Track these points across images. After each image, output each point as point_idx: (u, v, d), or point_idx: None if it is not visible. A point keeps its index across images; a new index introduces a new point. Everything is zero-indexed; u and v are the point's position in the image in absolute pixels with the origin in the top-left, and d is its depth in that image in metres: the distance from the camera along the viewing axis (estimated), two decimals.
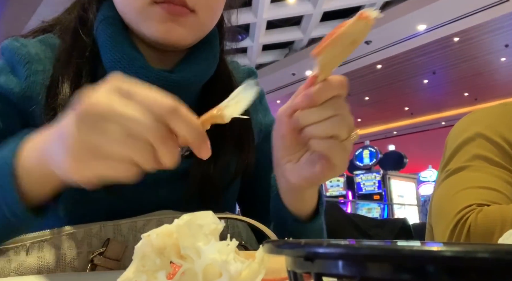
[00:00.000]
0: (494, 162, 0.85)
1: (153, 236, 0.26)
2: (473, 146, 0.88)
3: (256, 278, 0.25)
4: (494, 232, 0.72)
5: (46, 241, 0.50)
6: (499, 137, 0.87)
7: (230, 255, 0.25)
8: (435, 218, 0.88)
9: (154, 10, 0.55)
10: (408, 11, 6.23)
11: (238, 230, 0.62)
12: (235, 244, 0.26)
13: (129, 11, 0.57)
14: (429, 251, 0.14)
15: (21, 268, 0.48)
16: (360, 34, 0.38)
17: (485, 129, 0.89)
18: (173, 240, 0.26)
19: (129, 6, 0.57)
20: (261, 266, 0.25)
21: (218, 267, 0.24)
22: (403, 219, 1.81)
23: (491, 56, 7.79)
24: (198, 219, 0.27)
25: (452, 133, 0.98)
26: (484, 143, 0.87)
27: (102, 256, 0.48)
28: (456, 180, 0.86)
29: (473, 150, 0.87)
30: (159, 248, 0.26)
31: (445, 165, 0.92)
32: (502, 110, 0.92)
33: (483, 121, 0.92)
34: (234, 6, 0.74)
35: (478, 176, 0.84)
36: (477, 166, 0.85)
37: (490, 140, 0.87)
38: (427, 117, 11.52)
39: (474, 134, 0.89)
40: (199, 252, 0.25)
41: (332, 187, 8.48)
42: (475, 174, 0.84)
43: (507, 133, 0.87)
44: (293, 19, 7.06)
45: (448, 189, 0.86)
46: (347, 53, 0.40)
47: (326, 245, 0.17)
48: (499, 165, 0.84)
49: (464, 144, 0.90)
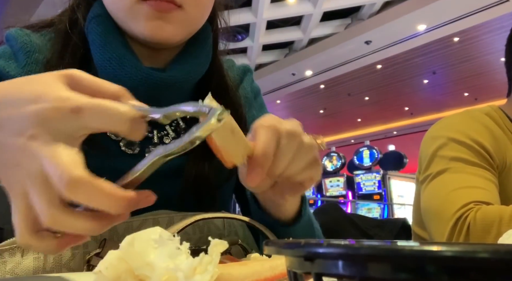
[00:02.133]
0: (470, 162, 0.91)
1: (103, 269, 0.25)
2: (447, 150, 0.94)
3: (210, 268, 0.24)
4: (492, 230, 0.76)
5: None
6: (469, 139, 0.93)
7: (182, 256, 0.25)
8: (429, 219, 0.91)
9: (142, 8, 0.55)
10: (408, 11, 6.23)
11: (234, 229, 0.62)
12: (187, 246, 0.25)
13: (117, 9, 0.57)
14: (429, 251, 0.14)
15: (16, 270, 0.47)
16: (228, 125, 0.36)
17: (455, 134, 0.95)
18: (124, 265, 0.25)
19: (117, 5, 0.57)
20: (214, 257, 0.25)
21: (174, 272, 0.24)
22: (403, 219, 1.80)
23: (491, 56, 7.79)
24: (144, 236, 0.26)
25: (424, 142, 1.04)
26: (457, 146, 0.94)
27: (98, 257, 0.47)
28: (441, 181, 0.91)
29: (449, 154, 0.93)
30: (114, 279, 0.25)
31: (424, 171, 0.98)
32: (467, 116, 1.00)
33: (452, 127, 0.99)
34: (228, 6, 0.74)
35: (461, 176, 0.89)
36: (456, 167, 0.91)
37: (462, 143, 0.93)
38: (427, 117, 11.51)
39: (446, 140, 0.96)
40: (152, 266, 0.24)
41: (332, 187, 8.48)
42: (458, 175, 0.90)
43: (475, 135, 0.94)
44: (293, 19, 7.06)
45: (437, 191, 0.91)
46: (238, 140, 0.38)
47: (326, 245, 0.17)
48: (476, 164, 0.90)
49: (438, 149, 0.96)
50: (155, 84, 0.58)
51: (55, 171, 0.29)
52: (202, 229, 0.58)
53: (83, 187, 0.29)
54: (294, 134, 0.42)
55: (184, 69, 0.61)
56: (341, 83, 8.99)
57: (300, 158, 0.43)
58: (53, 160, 0.30)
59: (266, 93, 8.92)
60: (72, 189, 0.29)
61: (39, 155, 0.30)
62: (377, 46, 7.18)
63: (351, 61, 7.75)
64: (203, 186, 0.62)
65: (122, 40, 0.59)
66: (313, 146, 0.44)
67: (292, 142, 0.42)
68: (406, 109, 11.21)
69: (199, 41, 0.65)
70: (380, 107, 10.81)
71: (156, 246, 0.25)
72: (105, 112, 0.31)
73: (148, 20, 0.55)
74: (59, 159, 0.30)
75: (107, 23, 0.59)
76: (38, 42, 0.62)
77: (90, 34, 0.59)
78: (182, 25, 0.58)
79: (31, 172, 0.31)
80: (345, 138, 13.58)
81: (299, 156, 0.43)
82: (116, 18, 0.59)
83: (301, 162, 0.44)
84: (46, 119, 0.31)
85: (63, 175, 0.29)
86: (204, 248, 0.47)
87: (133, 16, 0.56)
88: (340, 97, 10.01)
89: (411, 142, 11.97)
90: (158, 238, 0.25)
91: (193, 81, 0.64)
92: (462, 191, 0.85)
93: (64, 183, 0.29)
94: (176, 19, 0.57)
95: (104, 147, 0.57)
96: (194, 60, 0.63)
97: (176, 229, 0.48)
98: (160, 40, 0.57)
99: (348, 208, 7.95)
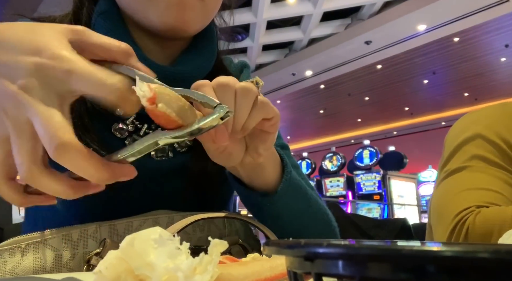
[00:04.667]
0: (493, 162, 0.85)
1: (103, 269, 0.25)
2: (472, 146, 0.89)
3: (210, 268, 0.24)
4: (493, 234, 0.72)
5: (41, 242, 0.49)
6: (498, 138, 0.87)
7: (182, 256, 0.25)
8: (435, 219, 0.88)
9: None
10: (408, 11, 6.23)
11: (235, 228, 0.62)
12: (187, 246, 0.25)
13: (135, 1, 0.57)
14: (429, 251, 0.14)
15: (16, 270, 0.47)
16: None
17: (484, 130, 0.89)
18: (124, 265, 0.25)
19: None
20: (214, 257, 0.25)
21: (174, 272, 0.24)
22: (403, 219, 1.81)
23: (491, 56, 7.79)
24: (144, 236, 0.26)
25: (450, 133, 0.98)
26: (483, 143, 0.88)
27: (98, 256, 0.47)
28: (455, 180, 0.87)
29: (472, 150, 0.88)
30: (114, 279, 0.25)
31: (444, 165, 0.93)
32: (501, 111, 0.93)
33: (482, 122, 0.92)
34: (230, 6, 0.74)
35: (477, 176, 0.84)
36: (476, 167, 0.85)
37: (489, 141, 0.88)
38: (427, 117, 11.53)
39: (473, 135, 0.90)
40: (152, 266, 0.25)
41: (332, 187, 8.49)
42: (474, 174, 0.85)
43: (506, 134, 0.88)
44: (293, 19, 7.07)
45: (447, 190, 0.87)
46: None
47: (326, 245, 0.17)
48: (498, 166, 0.85)
49: (463, 144, 0.90)
50: (164, 78, 0.58)
51: (47, 131, 0.30)
52: (202, 229, 0.58)
53: (71, 152, 0.30)
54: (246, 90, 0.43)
55: (193, 64, 0.62)
56: (341, 83, 9.00)
57: (255, 110, 0.44)
58: (45, 120, 0.30)
59: (266, 93, 8.92)
60: (60, 152, 0.30)
61: (30, 108, 0.30)
62: (377, 46, 7.18)
63: (351, 61, 7.75)
64: (206, 182, 0.62)
65: (130, 36, 0.59)
66: (253, 91, 0.43)
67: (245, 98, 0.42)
68: (406, 109, 11.21)
69: (206, 38, 0.65)
70: (380, 107, 10.81)
71: (156, 246, 0.25)
72: (93, 80, 0.31)
73: (168, 8, 0.55)
74: (52, 120, 0.30)
75: (114, 18, 0.59)
76: None
77: (98, 31, 0.59)
78: (201, 14, 0.59)
79: (18, 122, 0.31)
80: (345, 138, 13.59)
81: (254, 108, 0.43)
82: (131, 9, 0.58)
83: (256, 113, 0.44)
84: (41, 74, 0.31)
85: (54, 138, 0.30)
86: (204, 248, 0.47)
87: (152, 4, 0.56)
88: (340, 97, 10.01)
89: (411, 142, 12.00)
90: (158, 238, 0.25)
91: (200, 77, 0.64)
92: (471, 193, 0.81)
93: (54, 145, 0.30)
94: (196, 8, 0.57)
95: (109, 145, 0.57)
96: (201, 56, 0.63)
97: (176, 228, 0.48)
98: (181, 28, 0.57)
99: (348, 208, 7.96)
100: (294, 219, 0.58)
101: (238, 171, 0.54)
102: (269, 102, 0.45)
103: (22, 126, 0.31)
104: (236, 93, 0.42)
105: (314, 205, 0.61)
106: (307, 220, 0.60)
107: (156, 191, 0.61)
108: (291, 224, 0.58)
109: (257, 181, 0.55)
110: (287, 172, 0.56)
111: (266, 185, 0.55)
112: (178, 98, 0.33)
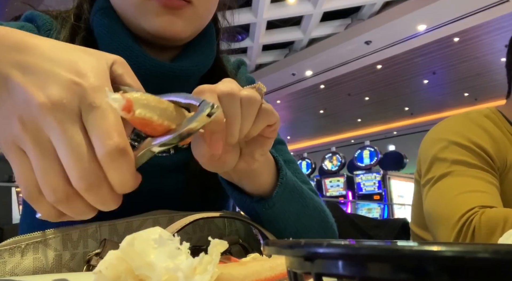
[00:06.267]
0: (472, 164, 0.91)
1: (103, 269, 0.25)
2: (449, 152, 0.95)
3: (210, 268, 0.24)
4: (496, 232, 0.76)
5: (41, 242, 0.49)
6: (470, 142, 0.94)
7: (182, 256, 0.25)
8: (434, 223, 0.91)
9: (152, 4, 0.55)
10: (408, 11, 6.23)
11: (235, 228, 0.62)
12: (187, 246, 0.25)
13: (127, 5, 0.57)
14: (429, 251, 0.14)
15: (16, 270, 0.47)
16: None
17: (455, 137, 0.96)
18: (124, 265, 0.25)
19: (126, 1, 0.57)
20: (214, 257, 0.25)
21: (174, 272, 0.24)
22: (403, 219, 1.80)
23: (491, 56, 7.79)
24: (144, 236, 0.26)
25: (423, 144, 1.04)
26: (458, 149, 0.94)
27: (98, 256, 0.47)
28: (445, 185, 0.91)
29: (451, 156, 0.94)
30: (114, 279, 0.25)
31: (426, 174, 0.98)
32: (467, 119, 1.01)
33: (452, 130, 0.99)
34: (230, 6, 0.74)
35: (464, 180, 0.89)
36: (459, 171, 0.91)
37: (463, 146, 0.94)
38: (427, 117, 11.52)
39: (447, 142, 0.96)
40: (152, 266, 0.24)
41: (332, 187, 8.49)
42: (460, 178, 0.90)
43: (475, 138, 0.95)
44: (293, 19, 7.07)
45: (441, 194, 0.91)
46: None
47: (326, 245, 0.17)
48: (478, 167, 0.91)
49: (439, 152, 0.96)
50: (163, 74, 0.58)
51: (103, 129, 0.27)
52: (202, 229, 0.58)
53: (122, 160, 0.27)
54: (250, 99, 0.41)
55: (193, 61, 0.62)
56: (341, 83, 8.99)
57: (259, 119, 0.42)
58: (101, 117, 0.27)
59: (266, 93, 8.76)
60: (112, 158, 0.27)
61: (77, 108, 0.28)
62: (377, 46, 7.18)
63: (351, 61, 7.75)
64: (208, 180, 0.62)
65: (127, 32, 0.59)
66: (257, 99, 0.42)
67: (249, 107, 0.41)
68: (406, 109, 11.21)
69: (205, 37, 0.65)
70: (380, 107, 10.81)
71: (156, 246, 0.25)
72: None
73: (158, 16, 0.55)
74: (109, 116, 0.27)
75: (111, 15, 0.59)
76: (54, 23, 0.63)
77: (96, 28, 0.59)
78: (192, 21, 0.58)
79: (41, 139, 0.28)
80: (345, 139, 13.57)
81: (258, 116, 0.42)
82: (125, 14, 0.58)
83: (260, 122, 0.43)
84: (74, 91, 0.29)
85: (109, 141, 0.27)
86: (204, 248, 0.47)
87: (143, 12, 0.56)
88: (340, 97, 10.01)
89: (411, 142, 11.98)
90: (158, 238, 0.25)
91: (199, 74, 0.64)
92: (466, 196, 0.86)
93: (108, 148, 0.27)
94: (186, 15, 0.57)
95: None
96: (200, 53, 0.63)
97: (176, 228, 0.48)
98: (170, 36, 0.57)
99: (348, 208, 7.95)
100: (291, 221, 0.57)
101: (231, 175, 0.52)
102: (272, 109, 0.44)
103: (45, 144, 0.28)
104: (241, 102, 0.40)
105: (310, 204, 0.59)
106: (304, 220, 0.58)
107: (158, 187, 0.61)
108: (288, 226, 0.56)
109: (250, 186, 0.53)
110: (282, 175, 0.54)
111: (261, 189, 0.53)
112: (158, 101, 0.31)
